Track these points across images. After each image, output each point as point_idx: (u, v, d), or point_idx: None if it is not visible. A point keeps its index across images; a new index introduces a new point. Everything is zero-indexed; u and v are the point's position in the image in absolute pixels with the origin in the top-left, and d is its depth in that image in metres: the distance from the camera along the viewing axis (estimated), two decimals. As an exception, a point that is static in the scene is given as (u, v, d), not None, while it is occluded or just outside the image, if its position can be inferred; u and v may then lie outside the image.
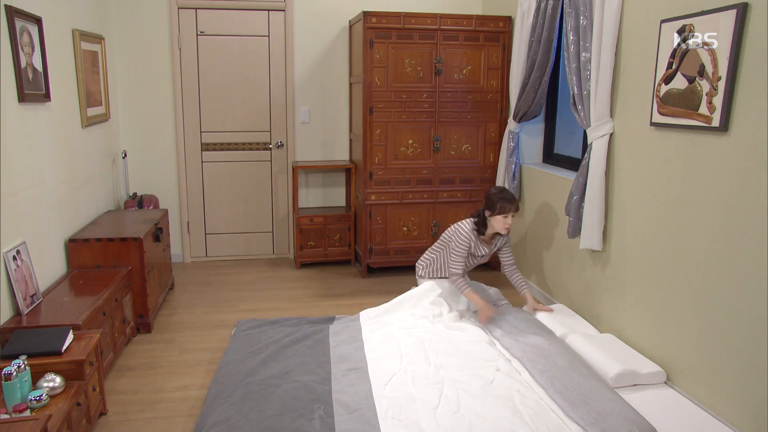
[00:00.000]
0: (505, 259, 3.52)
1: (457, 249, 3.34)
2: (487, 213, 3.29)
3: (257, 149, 4.86)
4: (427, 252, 3.64)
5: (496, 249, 3.50)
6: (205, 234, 4.90)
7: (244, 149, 4.83)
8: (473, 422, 2.30)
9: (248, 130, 4.81)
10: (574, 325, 3.14)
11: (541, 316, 3.26)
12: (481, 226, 3.34)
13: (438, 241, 3.58)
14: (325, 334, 3.16)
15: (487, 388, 2.56)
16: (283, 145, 4.86)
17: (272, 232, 5.02)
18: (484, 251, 3.44)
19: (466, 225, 3.37)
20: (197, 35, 4.58)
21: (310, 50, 4.74)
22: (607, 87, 3.01)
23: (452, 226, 3.46)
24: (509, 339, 3.00)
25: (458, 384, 2.59)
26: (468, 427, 2.28)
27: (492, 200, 3.25)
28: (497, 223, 3.28)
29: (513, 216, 3.28)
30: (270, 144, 4.86)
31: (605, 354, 2.73)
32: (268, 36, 4.68)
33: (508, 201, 3.23)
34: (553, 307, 3.44)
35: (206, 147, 4.77)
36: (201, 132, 4.73)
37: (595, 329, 3.11)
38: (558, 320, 3.20)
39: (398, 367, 2.76)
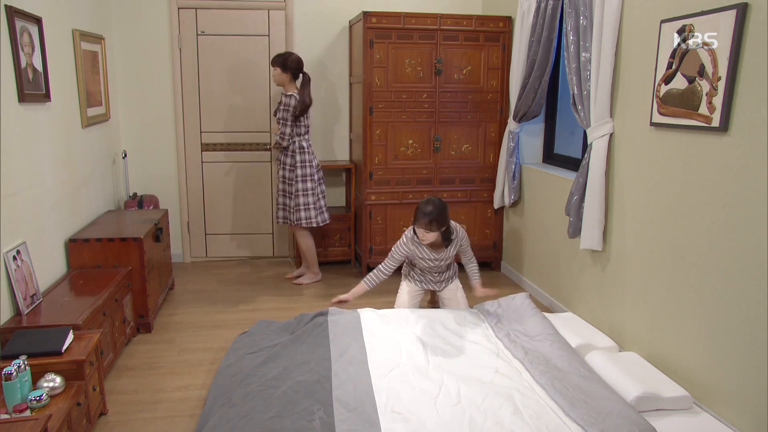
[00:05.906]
0: (465, 258, 3.40)
1: (393, 252, 3.27)
2: None
3: (257, 150, 4.85)
4: None
5: (454, 252, 3.32)
6: (205, 234, 4.90)
7: (243, 150, 4.83)
8: (474, 416, 2.30)
9: (248, 131, 4.81)
10: (588, 335, 3.04)
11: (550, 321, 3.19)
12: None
13: None
14: (325, 329, 3.15)
15: (487, 388, 2.55)
16: None
17: (272, 233, 5.02)
18: (430, 255, 3.26)
19: (408, 232, 3.25)
20: (197, 35, 4.57)
21: (310, 50, 4.74)
22: (607, 87, 3.01)
23: None
24: (510, 340, 3.00)
25: (458, 379, 2.59)
26: (468, 420, 2.28)
27: (416, 208, 3.09)
28: (418, 231, 3.13)
29: (429, 232, 3.06)
30: (270, 145, 4.86)
31: (626, 374, 2.54)
32: (269, 35, 4.68)
33: (424, 214, 3.03)
34: (563, 315, 3.33)
35: (206, 147, 4.76)
36: (201, 132, 4.73)
37: (608, 338, 3.02)
38: (569, 327, 3.10)
39: (398, 361, 2.76)
